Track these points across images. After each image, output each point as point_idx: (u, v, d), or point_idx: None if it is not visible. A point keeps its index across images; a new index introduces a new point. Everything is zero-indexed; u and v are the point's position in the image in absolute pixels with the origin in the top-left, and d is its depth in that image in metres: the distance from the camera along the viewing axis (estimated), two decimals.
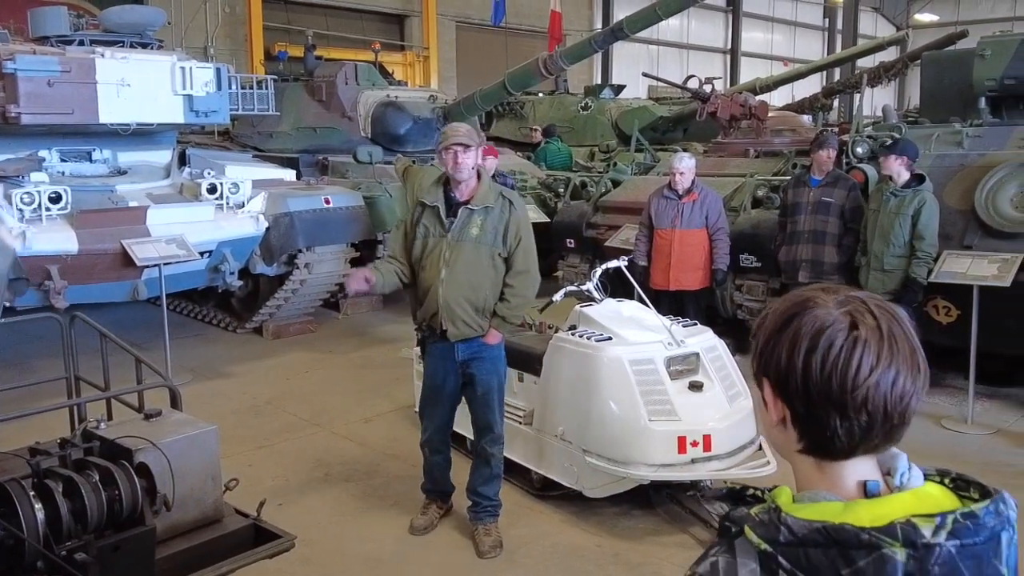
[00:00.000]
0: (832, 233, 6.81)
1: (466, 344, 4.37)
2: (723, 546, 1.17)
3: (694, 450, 4.44)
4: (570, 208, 9.47)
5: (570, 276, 8.73)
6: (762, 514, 1.15)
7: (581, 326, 4.95)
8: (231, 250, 7.93)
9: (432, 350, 4.44)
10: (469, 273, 4.28)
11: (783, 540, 1.11)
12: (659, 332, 4.80)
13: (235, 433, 6.17)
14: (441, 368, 4.44)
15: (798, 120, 12.25)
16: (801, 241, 6.91)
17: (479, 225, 4.27)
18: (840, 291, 1.19)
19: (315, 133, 11.00)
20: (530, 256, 4.39)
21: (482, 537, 4.58)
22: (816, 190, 6.89)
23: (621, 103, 14.89)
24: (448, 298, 4.26)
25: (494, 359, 4.46)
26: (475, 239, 4.26)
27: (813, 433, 1.16)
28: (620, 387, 4.52)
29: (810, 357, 1.13)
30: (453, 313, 4.29)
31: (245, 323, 9.21)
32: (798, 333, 1.15)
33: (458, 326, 4.32)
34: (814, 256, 6.83)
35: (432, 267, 4.28)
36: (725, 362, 4.88)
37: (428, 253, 4.30)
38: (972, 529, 1.09)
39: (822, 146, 6.93)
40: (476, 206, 4.28)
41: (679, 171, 7.16)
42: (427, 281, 4.31)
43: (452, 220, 4.27)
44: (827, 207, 6.81)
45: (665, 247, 7.22)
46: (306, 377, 7.77)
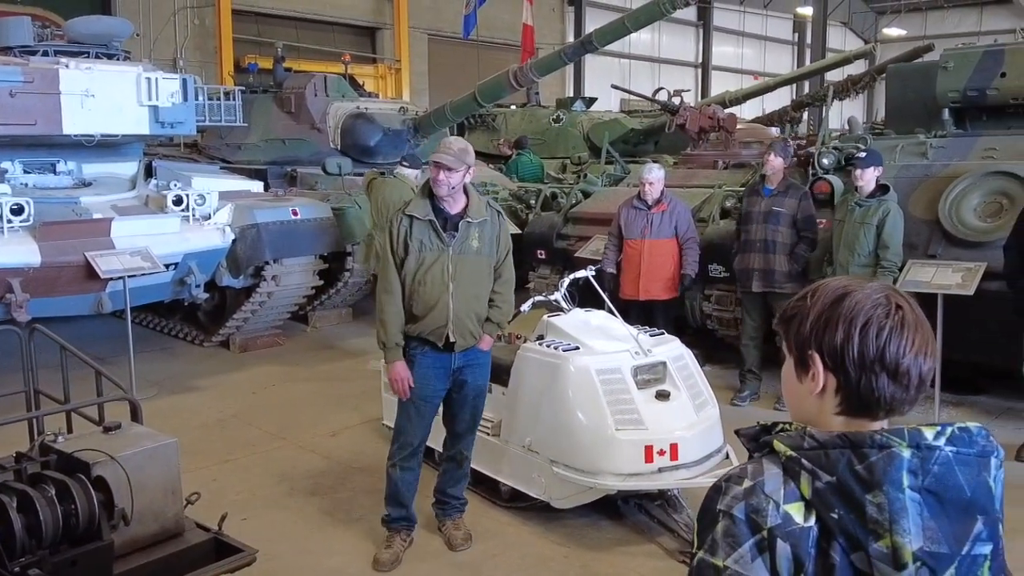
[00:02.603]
0: (782, 243, 6.88)
1: (463, 353, 4.40)
2: (752, 462, 1.37)
3: (661, 459, 4.44)
4: (541, 219, 9.49)
5: (541, 287, 8.74)
6: (788, 432, 1.37)
7: (549, 336, 4.96)
8: (197, 262, 7.88)
9: (422, 361, 4.38)
10: (474, 285, 4.34)
11: (807, 446, 1.31)
12: (626, 341, 4.81)
13: (199, 447, 6.11)
14: (433, 378, 4.41)
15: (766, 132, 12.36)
16: (753, 250, 6.98)
17: (478, 237, 4.33)
18: (867, 281, 1.41)
19: (284, 145, 10.97)
20: (512, 264, 4.55)
21: (452, 532, 4.64)
22: (768, 199, 6.97)
23: (593, 116, 14.94)
24: (459, 311, 4.29)
25: (486, 364, 4.55)
26: (476, 251, 4.32)
27: (861, 396, 1.34)
28: (587, 396, 4.53)
29: (867, 330, 1.33)
30: (463, 325, 4.33)
31: (211, 336, 9.14)
32: (854, 310, 1.35)
33: (466, 337, 4.36)
34: (765, 265, 6.89)
35: (435, 281, 4.26)
36: (692, 371, 4.90)
37: (428, 268, 4.27)
38: (967, 440, 1.31)
39: (771, 153, 7.01)
40: (474, 219, 4.32)
41: (648, 181, 7.21)
42: (430, 295, 4.27)
43: (452, 234, 4.28)
44: (777, 217, 6.89)
45: (635, 257, 7.25)
46: (273, 391, 7.73)
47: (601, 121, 14.40)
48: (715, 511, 1.32)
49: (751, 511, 1.30)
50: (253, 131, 10.95)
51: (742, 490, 1.32)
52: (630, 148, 13.53)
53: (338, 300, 10.04)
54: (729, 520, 1.30)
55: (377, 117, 10.91)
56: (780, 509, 1.29)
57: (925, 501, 1.26)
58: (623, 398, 4.54)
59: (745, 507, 1.30)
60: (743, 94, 16.07)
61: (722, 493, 1.33)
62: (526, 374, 4.84)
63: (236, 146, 11.06)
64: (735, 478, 1.34)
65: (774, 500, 1.30)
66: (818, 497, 1.28)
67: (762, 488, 1.31)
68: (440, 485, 4.73)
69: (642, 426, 4.49)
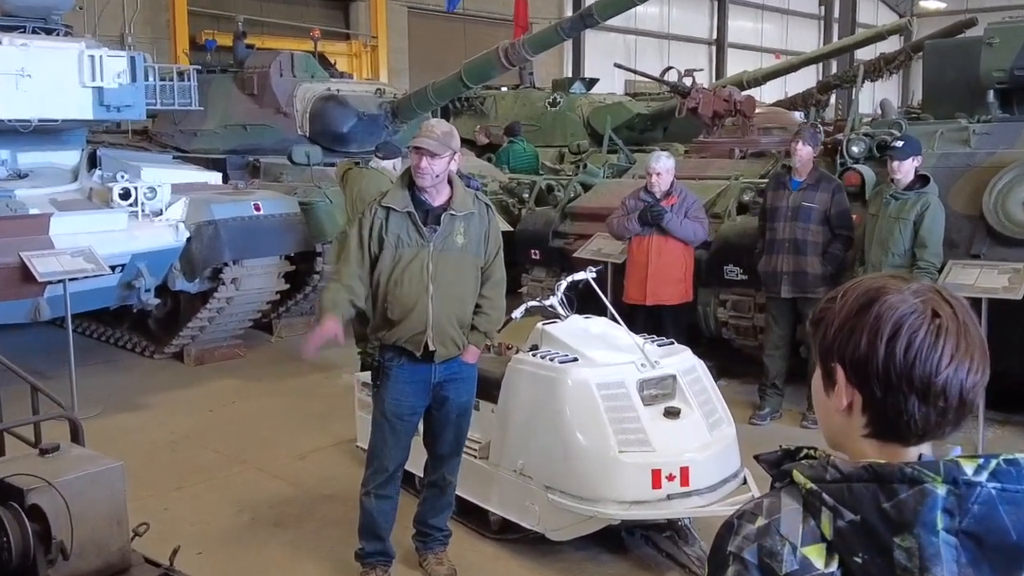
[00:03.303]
0: (814, 242, 6.85)
1: (445, 364, 4.38)
2: (769, 495, 1.34)
3: (670, 485, 4.44)
4: (535, 215, 9.50)
5: (534, 291, 8.75)
6: (811, 461, 1.33)
7: (543, 346, 4.96)
8: (147, 264, 7.86)
9: (398, 374, 4.37)
10: (457, 286, 4.33)
11: (829, 478, 1.28)
12: (631, 352, 4.81)
13: (149, 472, 6.09)
14: (411, 393, 4.39)
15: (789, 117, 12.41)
16: (781, 251, 6.95)
17: (463, 233, 4.32)
18: (908, 280, 1.36)
19: (245, 131, 10.96)
20: (502, 265, 4.53)
21: (434, 567, 4.64)
22: (796, 193, 6.94)
23: (593, 99, 14.98)
24: (439, 315, 4.27)
25: (471, 378, 4.53)
26: (461, 248, 4.31)
27: (888, 418, 1.32)
28: (586, 414, 4.53)
29: (893, 343, 1.29)
30: (444, 332, 4.31)
31: (163, 347, 9.13)
32: (880, 319, 1.31)
33: (447, 345, 4.34)
34: (795, 268, 6.87)
35: (413, 281, 4.26)
36: (705, 385, 4.91)
37: (405, 266, 4.26)
38: (1014, 475, 1.24)
39: (799, 141, 6.97)
40: (459, 211, 4.31)
41: (656, 172, 7.22)
42: (407, 297, 4.27)
43: (433, 228, 4.27)
44: (808, 212, 6.86)
45: (641, 257, 7.26)
46: (232, 408, 7.72)
47: (603, 105, 14.42)
48: (725, 553, 1.30)
49: (764, 555, 1.27)
50: (210, 116, 10.92)
51: (755, 529, 1.29)
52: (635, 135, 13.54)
53: (306, 306, 10.02)
54: (740, 565, 1.28)
55: (351, 100, 10.90)
56: (797, 553, 1.26)
57: (962, 546, 1.21)
58: (627, 416, 4.54)
59: (758, 550, 1.28)
60: (763, 74, 16.14)
61: (733, 532, 1.31)
62: (518, 389, 4.84)
63: (191, 133, 11.04)
64: (748, 515, 1.32)
65: (790, 542, 1.27)
66: (840, 538, 1.25)
67: (777, 528, 1.28)
68: (421, 515, 4.72)
69: (649, 448, 4.49)
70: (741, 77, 15.84)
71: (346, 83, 11.69)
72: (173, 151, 10.69)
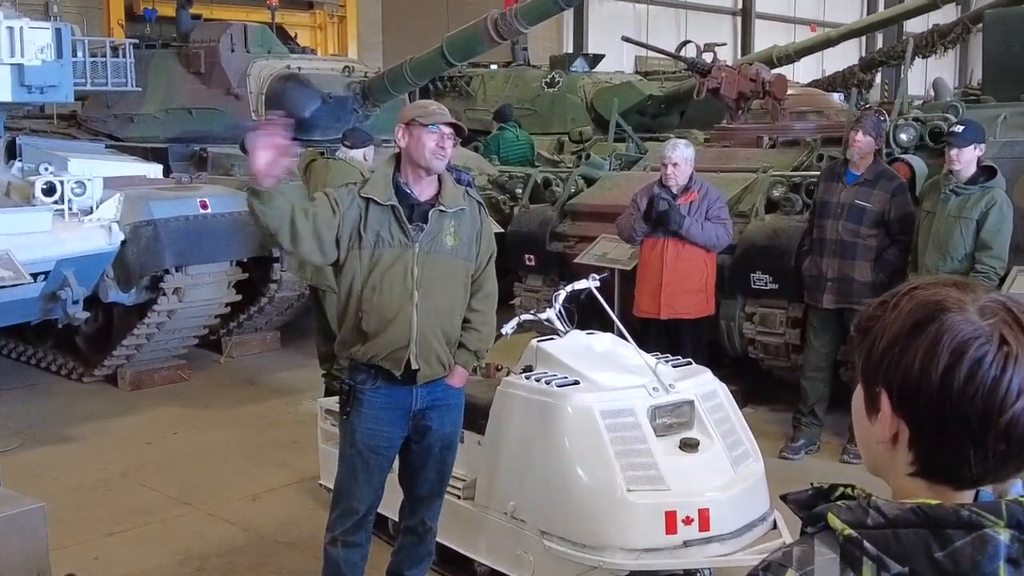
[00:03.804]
0: (865, 245, 6.84)
1: (429, 388, 4.36)
2: (801, 542, 1.32)
3: (687, 529, 4.44)
4: (530, 214, 9.52)
5: (529, 303, 8.76)
6: (849, 502, 1.31)
7: (539, 367, 4.95)
8: (74, 271, 7.85)
9: (372, 399, 4.33)
10: (446, 294, 4.32)
11: (871, 523, 1.26)
12: (641, 374, 4.81)
13: (77, 515, 6.09)
14: (387, 421, 4.36)
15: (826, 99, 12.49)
16: (826, 252, 6.96)
17: (453, 233, 4.31)
18: (976, 290, 1.33)
19: (190, 116, 10.98)
20: (494, 274, 4.56)
21: None
22: (850, 189, 6.93)
23: (598, 78, 15.02)
24: (425, 328, 4.25)
25: (457, 406, 4.51)
26: (451, 251, 4.30)
27: (938, 457, 1.30)
28: (589, 447, 4.52)
29: (951, 373, 1.26)
30: (429, 347, 4.27)
31: (94, 369, 9.11)
32: (937, 342, 1.27)
33: (432, 364, 4.31)
34: (840, 273, 6.87)
35: (395, 287, 4.22)
36: (729, 413, 4.90)
37: (386, 269, 4.22)
38: None
39: (858, 130, 6.96)
40: (449, 207, 4.29)
41: (672, 162, 7.23)
42: (387, 306, 4.23)
43: (419, 226, 4.24)
44: (860, 212, 6.86)
45: (654, 262, 7.27)
46: (175, 441, 7.71)
47: (609, 85, 14.46)
48: None
49: None
50: (150, 98, 10.94)
51: None
52: (647, 120, 13.61)
53: (261, 321, 10.02)
54: None
55: (314, 80, 10.92)
56: None
57: None
58: (637, 449, 4.53)
59: None
60: (796, 50, 16.17)
61: None
62: (508, 417, 4.83)
63: (127, 118, 11.05)
64: (776, 565, 1.31)
65: None
66: None
67: None
68: (396, 565, 4.70)
69: (662, 486, 4.48)
70: (771, 53, 15.88)
71: (309, 60, 11.73)
72: (106, 139, 10.69)
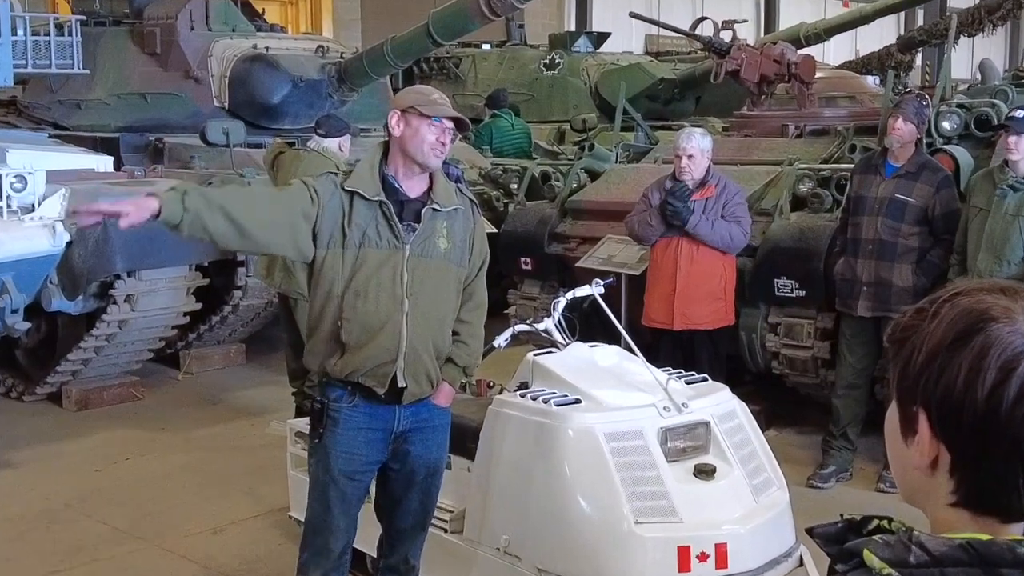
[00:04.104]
0: (907, 246, 6.83)
1: (412, 407, 4.34)
2: None
3: (702, 566, 4.43)
4: (526, 212, 9.50)
5: (525, 312, 8.74)
6: (887, 537, 1.29)
7: (535, 383, 4.94)
8: (13, 276, 7.82)
9: (350, 418, 4.29)
10: (438, 303, 4.31)
11: (914, 561, 1.24)
12: (651, 391, 4.80)
13: (15, 551, 6.09)
14: (364, 443, 4.33)
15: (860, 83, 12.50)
16: (862, 253, 6.93)
17: (446, 234, 4.29)
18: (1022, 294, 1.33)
19: (145, 102, 10.97)
20: (485, 282, 4.57)
21: None
22: (889, 182, 6.91)
23: (604, 60, 15.04)
24: (416, 341, 4.23)
25: (443, 427, 4.50)
26: (444, 255, 4.28)
27: (984, 486, 1.29)
28: (592, 473, 4.51)
29: (999, 391, 1.25)
30: (418, 363, 4.26)
31: (36, 387, 9.09)
32: (983, 356, 1.26)
33: (420, 382, 4.29)
34: (877, 277, 6.84)
35: (383, 293, 4.19)
36: (749, 435, 4.90)
37: (372, 272, 4.19)
38: None
39: (898, 116, 6.94)
40: (443, 206, 4.28)
41: (687, 154, 7.22)
42: (374, 315, 4.20)
43: (410, 226, 4.22)
44: (901, 207, 6.84)
45: (667, 266, 7.26)
46: (126, 467, 7.69)
47: (616, 67, 14.48)
48: None
49: None
50: (99, 82, 10.92)
51: None
52: (659, 107, 13.61)
53: (224, 332, 9.99)
54: None
55: (284, 61, 10.91)
56: None
57: None
58: (646, 476, 4.52)
59: None
60: (826, 27, 16.21)
61: None
62: (502, 440, 4.81)
63: (74, 104, 11.04)
64: None
65: None
66: None
67: None
68: None
69: (674, 517, 4.47)
70: (798, 31, 15.92)
71: (278, 39, 11.72)
72: (49, 128, 10.68)
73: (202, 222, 3.95)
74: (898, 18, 23.89)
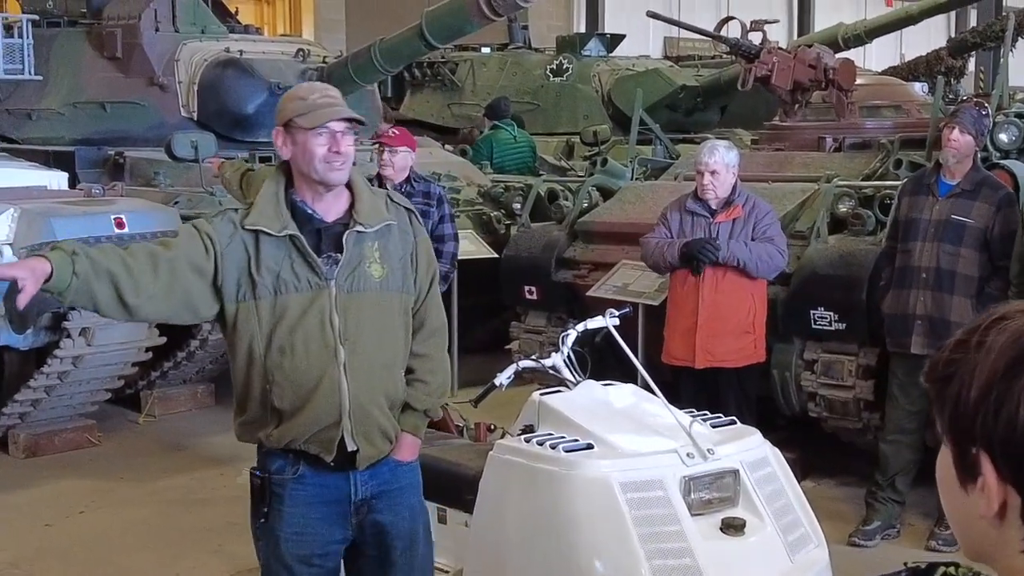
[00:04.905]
0: (965, 275, 6.79)
1: (371, 471, 4.15)
2: None
3: None
4: (531, 235, 9.51)
5: (530, 347, 8.73)
6: None
7: (542, 427, 4.92)
8: None
9: (296, 493, 4.09)
10: (382, 345, 4.11)
11: None
12: (673, 436, 4.78)
13: None
14: (320, 521, 4.13)
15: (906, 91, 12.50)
16: (915, 284, 6.89)
17: (378, 258, 4.08)
18: None
19: (104, 112, 11.02)
20: (439, 301, 4.42)
21: None
22: (944, 202, 6.89)
23: (618, 65, 15.09)
24: (360, 396, 4.02)
25: (412, 486, 4.34)
26: (379, 284, 4.08)
27: None
28: (606, 528, 4.49)
29: None
30: (368, 420, 4.05)
31: None
32: None
33: (374, 442, 4.09)
34: (934, 310, 6.80)
35: (312, 345, 3.97)
36: (783, 486, 4.88)
37: (295, 322, 3.97)
38: None
39: (954, 127, 6.92)
40: (368, 225, 4.06)
41: (711, 169, 7.22)
42: (305, 373, 3.98)
43: (331, 257, 4.01)
44: (959, 230, 6.81)
45: (688, 296, 7.25)
46: (81, 521, 7.68)
47: (631, 73, 14.52)
48: None
49: None
50: (53, 89, 10.97)
51: None
52: (679, 117, 13.65)
53: (191, 370, 9.98)
54: None
55: (259, 66, 10.96)
56: None
57: None
58: (667, 531, 4.51)
59: None
60: (867, 28, 16.24)
61: None
62: (504, 491, 4.80)
63: (24, 114, 11.07)
64: None
65: None
66: None
67: None
68: None
69: None
70: (835, 32, 15.95)
71: (253, 41, 11.79)
72: None
73: (90, 290, 3.76)
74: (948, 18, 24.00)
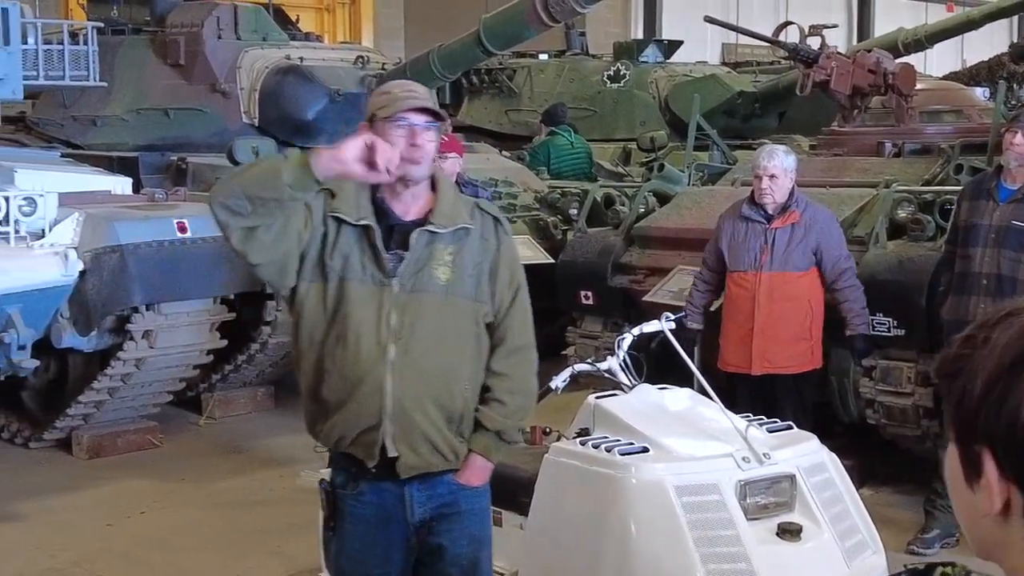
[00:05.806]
0: None
1: (427, 486, 4.01)
2: None
3: None
4: (587, 240, 9.50)
5: (586, 351, 8.72)
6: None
7: (597, 430, 4.93)
8: (20, 309, 7.89)
9: (356, 511, 4.02)
10: (439, 351, 3.94)
11: None
12: (729, 440, 4.78)
13: None
14: (374, 543, 4.02)
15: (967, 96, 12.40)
16: (976, 290, 6.83)
17: (450, 263, 3.95)
18: None
19: (167, 118, 11.08)
20: (529, 320, 4.19)
21: None
22: (1005, 207, 6.84)
23: (675, 71, 15.02)
24: (404, 397, 3.86)
25: (475, 514, 4.16)
26: (445, 287, 3.94)
27: None
28: (661, 532, 4.49)
29: None
30: (411, 426, 3.89)
31: (43, 432, 9.13)
32: None
33: (419, 451, 3.92)
34: None
35: (364, 338, 3.87)
36: (841, 491, 4.86)
37: (352, 311, 3.90)
38: None
39: (1016, 131, 6.87)
40: (441, 226, 3.94)
41: (769, 174, 7.19)
42: (352, 365, 3.88)
43: (398, 254, 3.91)
44: (1020, 236, 6.74)
45: (745, 303, 7.23)
46: (142, 521, 7.73)
47: (689, 79, 14.47)
48: None
49: None
50: (117, 96, 11.04)
51: None
52: (737, 123, 13.59)
53: (251, 373, 10.02)
54: None
55: (319, 73, 10.99)
56: None
57: None
58: (722, 535, 4.50)
59: None
60: (928, 33, 16.11)
61: None
62: (559, 494, 4.81)
63: (89, 120, 11.16)
64: None
65: None
66: None
67: None
68: None
69: None
70: (895, 37, 15.81)
71: (313, 48, 11.81)
72: (62, 146, 10.78)
73: (281, 208, 3.69)
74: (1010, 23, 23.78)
